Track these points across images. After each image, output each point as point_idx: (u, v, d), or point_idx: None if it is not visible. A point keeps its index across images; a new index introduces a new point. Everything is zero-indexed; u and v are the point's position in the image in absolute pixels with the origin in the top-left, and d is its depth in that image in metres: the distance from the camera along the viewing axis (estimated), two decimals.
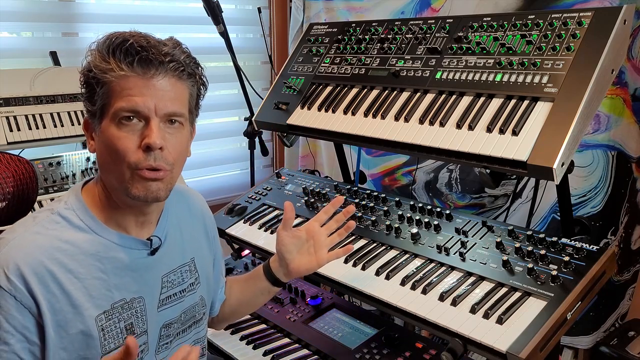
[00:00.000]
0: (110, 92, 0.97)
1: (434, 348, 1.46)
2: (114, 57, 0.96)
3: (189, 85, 1.04)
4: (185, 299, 1.18)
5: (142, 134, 0.98)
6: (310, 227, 1.32)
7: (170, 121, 1.01)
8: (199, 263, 1.23)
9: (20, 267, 0.93)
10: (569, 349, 2.08)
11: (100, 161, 1.03)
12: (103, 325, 1.01)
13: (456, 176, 2.41)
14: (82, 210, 1.03)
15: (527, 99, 1.28)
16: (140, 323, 1.08)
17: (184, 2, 2.89)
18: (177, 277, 1.16)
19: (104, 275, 1.02)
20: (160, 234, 1.12)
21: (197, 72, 1.06)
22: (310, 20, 2.94)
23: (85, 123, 1.05)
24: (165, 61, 0.98)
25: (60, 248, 0.98)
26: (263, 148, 2.58)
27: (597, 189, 1.96)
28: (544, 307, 1.13)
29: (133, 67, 0.96)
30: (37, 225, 1.00)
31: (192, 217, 1.25)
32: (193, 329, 1.23)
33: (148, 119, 0.98)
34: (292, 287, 1.82)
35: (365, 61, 1.66)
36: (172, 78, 1.00)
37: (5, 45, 2.38)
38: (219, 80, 3.03)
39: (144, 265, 1.08)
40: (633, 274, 2.01)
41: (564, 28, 1.30)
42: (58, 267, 0.97)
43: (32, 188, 1.16)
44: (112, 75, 0.96)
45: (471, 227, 1.41)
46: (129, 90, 0.96)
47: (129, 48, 0.95)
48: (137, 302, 1.07)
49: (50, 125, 2.14)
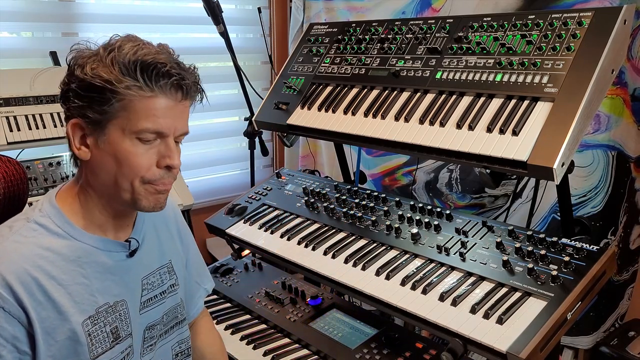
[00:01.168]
0: (132, 109, 0.95)
1: (434, 348, 1.46)
2: (142, 75, 0.94)
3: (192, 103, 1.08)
4: (166, 301, 1.19)
5: (160, 152, 0.99)
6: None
7: None
8: (176, 265, 1.24)
9: (5, 276, 0.92)
10: (569, 349, 2.08)
11: (99, 169, 1.00)
12: (89, 330, 1.01)
13: (456, 176, 2.41)
14: (57, 216, 1.02)
15: (527, 99, 1.28)
16: (124, 326, 1.08)
17: (184, 2, 2.89)
18: (157, 279, 1.17)
19: (86, 280, 1.01)
20: (137, 236, 1.12)
21: (202, 94, 1.09)
22: (311, 20, 2.94)
23: (74, 125, 0.99)
24: (192, 88, 1.01)
25: (41, 255, 0.97)
26: (263, 148, 2.58)
27: (597, 189, 1.96)
28: (544, 307, 1.13)
29: (164, 91, 0.97)
30: (15, 234, 0.98)
31: (165, 220, 1.26)
32: (176, 330, 1.23)
33: (166, 138, 0.99)
34: (292, 287, 1.82)
35: (365, 61, 1.66)
36: (190, 101, 1.04)
37: (5, 45, 2.38)
38: (219, 80, 3.03)
39: (124, 268, 1.08)
40: (632, 274, 2.01)
41: (564, 28, 1.30)
42: (41, 274, 0.95)
43: (22, 189, 1.15)
44: (138, 92, 0.95)
45: (471, 227, 1.41)
46: (154, 110, 0.96)
47: (162, 69, 0.95)
48: (120, 305, 1.07)
49: (50, 125, 2.14)
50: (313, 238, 1.56)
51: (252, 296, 1.81)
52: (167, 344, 1.21)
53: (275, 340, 1.59)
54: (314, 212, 1.68)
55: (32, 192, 2.02)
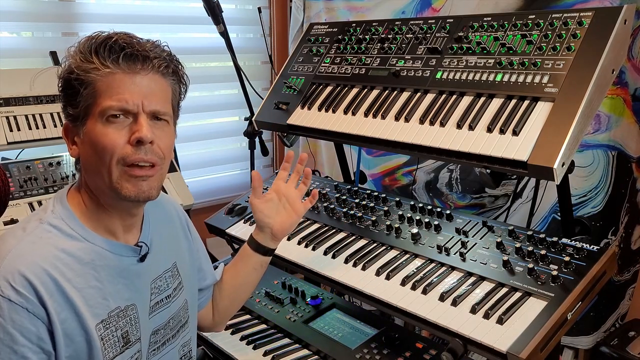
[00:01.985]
0: (96, 91, 0.96)
1: (434, 348, 1.46)
2: (97, 56, 0.95)
3: (171, 82, 1.05)
4: (171, 304, 1.18)
5: (131, 130, 0.97)
6: (277, 187, 1.37)
7: (156, 118, 1.01)
8: (181, 266, 1.23)
9: (26, 276, 0.91)
10: (570, 349, 2.08)
11: (86, 164, 1.01)
12: (102, 334, 1.00)
13: (456, 176, 2.41)
14: (70, 218, 1.01)
15: (527, 99, 1.28)
16: (134, 331, 1.07)
17: (184, 2, 2.89)
18: (163, 283, 1.16)
19: (99, 284, 1.01)
20: (146, 239, 1.11)
21: (179, 69, 1.07)
22: (311, 20, 2.94)
23: (65, 129, 1.03)
24: (150, 56, 0.98)
25: (58, 257, 0.96)
26: (263, 148, 2.58)
27: (598, 189, 1.96)
28: (544, 307, 1.13)
29: (118, 64, 0.96)
30: (30, 235, 0.97)
31: (169, 220, 1.25)
32: (181, 333, 1.22)
33: (136, 115, 0.97)
34: (292, 287, 1.82)
35: (365, 61, 1.66)
36: (156, 74, 1.00)
37: (5, 45, 2.38)
38: (219, 80, 3.03)
39: (135, 272, 1.08)
40: (633, 274, 2.01)
41: (564, 28, 1.30)
42: (60, 275, 0.95)
43: (4, 191, 1.15)
44: (97, 73, 0.95)
45: (471, 227, 1.41)
46: (116, 88, 0.95)
47: (113, 45, 0.95)
48: (131, 309, 1.06)
49: (50, 125, 2.14)
50: (313, 238, 1.56)
51: (252, 296, 1.81)
52: (174, 348, 1.20)
53: (275, 340, 1.59)
54: (314, 212, 1.68)
55: (32, 192, 2.02)
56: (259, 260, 1.35)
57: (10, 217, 1.87)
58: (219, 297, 1.40)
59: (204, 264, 1.36)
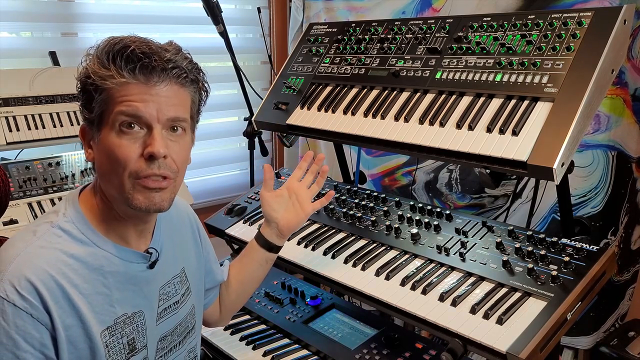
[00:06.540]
0: (110, 99, 0.94)
1: (434, 348, 1.46)
2: (114, 64, 0.93)
3: (191, 91, 1.02)
4: (179, 310, 1.17)
5: (145, 143, 0.95)
6: (290, 185, 1.39)
7: (172, 128, 0.98)
8: (189, 272, 1.22)
9: (32, 282, 0.90)
10: (569, 349, 2.08)
11: (100, 171, 1.00)
12: (107, 341, 0.99)
13: (456, 176, 2.41)
14: (82, 222, 1.00)
15: (527, 99, 1.28)
16: (140, 337, 1.06)
17: (184, 2, 2.89)
18: (172, 289, 1.15)
19: (107, 290, 1.00)
20: (156, 246, 1.10)
21: (200, 78, 1.04)
22: (310, 20, 2.94)
23: (82, 130, 1.02)
24: (167, 68, 0.95)
25: (65, 262, 0.95)
26: (263, 148, 2.58)
27: (597, 189, 1.96)
28: (544, 307, 1.13)
29: (135, 75, 0.93)
30: (39, 239, 0.96)
31: (180, 224, 1.24)
32: (187, 339, 1.22)
33: (150, 126, 0.95)
34: (292, 287, 1.81)
35: (365, 61, 1.66)
36: (175, 85, 0.97)
37: (4, 45, 2.38)
38: (219, 80, 3.03)
39: (144, 279, 1.07)
40: (633, 274, 2.01)
41: (564, 28, 1.30)
42: (66, 281, 0.94)
43: (4, 191, 1.15)
44: (112, 82, 0.93)
45: (471, 227, 1.41)
46: (130, 96, 0.93)
47: (130, 54, 0.93)
48: (138, 316, 1.05)
49: (49, 125, 2.14)
50: (313, 238, 1.56)
51: (252, 296, 1.80)
52: (181, 354, 1.20)
53: (275, 341, 1.59)
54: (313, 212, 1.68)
55: (32, 193, 2.02)
56: (264, 256, 1.36)
57: (10, 218, 1.87)
58: (225, 294, 1.40)
59: (212, 265, 1.35)
